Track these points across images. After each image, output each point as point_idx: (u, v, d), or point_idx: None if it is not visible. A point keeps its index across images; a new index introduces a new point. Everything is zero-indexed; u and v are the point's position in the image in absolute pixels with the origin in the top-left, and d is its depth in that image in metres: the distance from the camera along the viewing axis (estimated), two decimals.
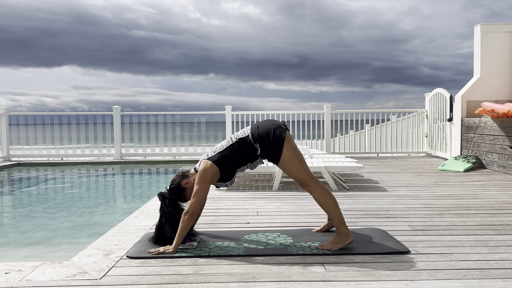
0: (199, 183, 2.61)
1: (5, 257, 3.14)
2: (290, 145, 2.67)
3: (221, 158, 2.68)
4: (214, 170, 2.65)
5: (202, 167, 2.65)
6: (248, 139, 2.70)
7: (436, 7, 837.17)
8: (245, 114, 9.01)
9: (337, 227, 2.64)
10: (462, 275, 2.18)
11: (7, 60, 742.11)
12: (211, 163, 2.66)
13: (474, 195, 4.41)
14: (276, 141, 2.64)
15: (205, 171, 2.63)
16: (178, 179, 2.76)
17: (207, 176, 2.62)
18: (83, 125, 9.15)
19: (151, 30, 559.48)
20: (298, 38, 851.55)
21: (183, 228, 2.56)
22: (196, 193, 2.59)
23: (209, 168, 2.64)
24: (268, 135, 2.66)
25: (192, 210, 2.56)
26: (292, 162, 2.66)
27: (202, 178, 2.62)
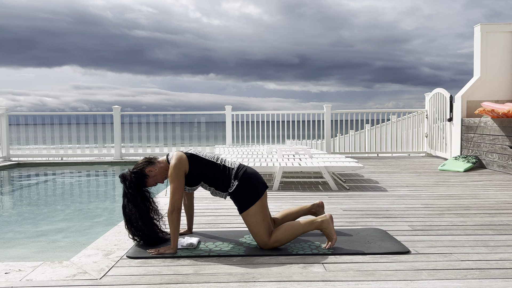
0: (175, 176, 2.58)
1: (5, 257, 3.14)
2: (262, 203, 2.64)
3: (197, 161, 2.66)
4: (186, 166, 2.63)
5: (177, 161, 2.61)
6: (230, 171, 2.68)
7: (437, 7, 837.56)
8: (245, 114, 9.01)
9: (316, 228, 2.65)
10: (462, 275, 2.18)
11: (8, 60, 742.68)
12: (186, 158, 2.63)
13: (474, 195, 4.41)
14: (252, 192, 2.62)
15: (180, 166, 2.60)
16: (143, 164, 2.71)
17: (181, 171, 2.60)
18: (83, 125, 9.15)
19: (152, 30, 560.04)
20: (299, 38, 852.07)
21: (174, 226, 2.55)
22: (175, 190, 2.57)
23: (183, 162, 2.61)
24: (249, 182, 2.64)
25: (177, 207, 2.56)
26: (257, 216, 2.61)
27: (178, 173, 2.59)
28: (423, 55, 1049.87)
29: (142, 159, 2.77)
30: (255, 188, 2.64)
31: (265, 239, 2.58)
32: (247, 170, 2.71)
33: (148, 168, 2.70)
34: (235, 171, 2.69)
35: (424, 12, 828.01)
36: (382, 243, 2.68)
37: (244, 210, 2.62)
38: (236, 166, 2.72)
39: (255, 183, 2.66)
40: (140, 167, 2.70)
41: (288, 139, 9.58)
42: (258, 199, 2.62)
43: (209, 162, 2.69)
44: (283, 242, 2.59)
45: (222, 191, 2.71)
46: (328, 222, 2.62)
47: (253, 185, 2.65)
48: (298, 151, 6.37)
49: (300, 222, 2.64)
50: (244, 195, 2.63)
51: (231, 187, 2.66)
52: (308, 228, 2.63)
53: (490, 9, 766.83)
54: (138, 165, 2.72)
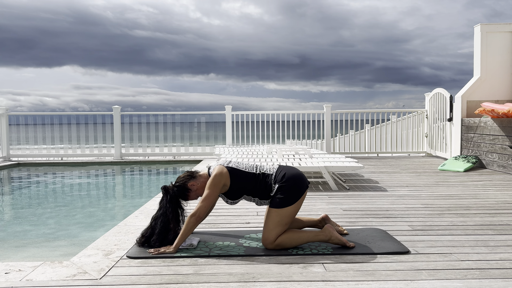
0: (211, 187, 2.59)
1: (5, 257, 3.14)
2: (297, 207, 2.64)
3: (238, 175, 2.66)
4: (227, 181, 2.63)
5: (218, 172, 2.62)
6: (270, 178, 2.67)
7: (438, 6, 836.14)
8: (245, 114, 9.01)
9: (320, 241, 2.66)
10: (462, 275, 2.18)
11: (8, 60, 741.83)
12: (227, 172, 2.64)
13: (474, 195, 4.41)
14: (291, 193, 2.60)
15: (220, 178, 2.61)
16: (185, 178, 2.73)
17: (220, 183, 2.61)
18: (83, 125, 9.15)
19: (152, 30, 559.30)
20: (299, 38, 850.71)
21: (187, 230, 2.55)
22: (206, 197, 2.58)
23: (224, 176, 2.62)
24: (289, 183, 2.61)
25: (199, 214, 2.56)
26: (283, 219, 2.60)
27: (216, 184, 2.60)
28: (424, 55, 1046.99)
29: (184, 173, 2.78)
30: (295, 188, 2.62)
31: (272, 239, 2.58)
32: (287, 173, 2.68)
33: (191, 182, 2.71)
34: (274, 175, 2.68)
35: (425, 12, 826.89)
36: (382, 243, 2.68)
37: (276, 207, 2.60)
38: (274, 171, 2.71)
39: (296, 182, 2.64)
40: (182, 181, 2.72)
41: (288, 139, 9.58)
42: (297, 200, 2.62)
43: (249, 174, 2.68)
44: (285, 247, 2.60)
45: (266, 199, 2.69)
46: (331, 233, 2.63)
47: (294, 185, 2.63)
48: (298, 151, 6.37)
49: (306, 232, 2.65)
50: (283, 195, 2.61)
51: (272, 191, 2.65)
52: (313, 239, 2.64)
53: (491, 9, 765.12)
54: (181, 179, 2.73)
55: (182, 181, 2.72)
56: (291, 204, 2.61)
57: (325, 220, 2.94)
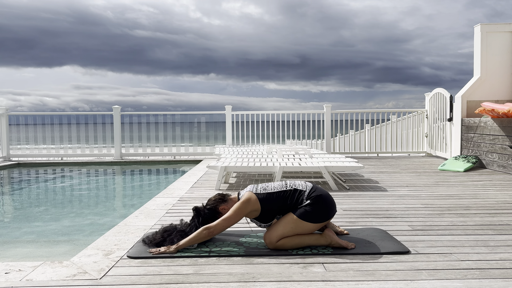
0: (235, 211, 2.60)
1: (5, 257, 3.14)
2: (317, 226, 2.64)
3: (268, 199, 2.65)
4: (255, 207, 2.63)
5: (246, 198, 2.63)
6: (302, 193, 2.66)
7: (438, 6, 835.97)
8: (245, 114, 9.01)
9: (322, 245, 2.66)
10: (462, 275, 2.18)
11: (8, 60, 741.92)
12: (256, 199, 2.63)
13: (474, 195, 4.41)
14: (320, 213, 2.61)
15: (247, 204, 2.61)
16: (217, 202, 2.75)
17: (246, 210, 2.61)
18: (83, 125, 9.15)
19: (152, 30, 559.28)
20: (300, 38, 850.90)
21: (196, 239, 2.57)
22: (227, 219, 2.58)
23: (252, 203, 2.62)
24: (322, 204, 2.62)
25: (213, 230, 2.57)
26: (297, 229, 2.59)
27: (241, 209, 2.60)
28: (424, 55, 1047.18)
29: (215, 195, 2.79)
30: (325, 212, 2.63)
31: (275, 239, 2.58)
32: (323, 194, 2.67)
33: (222, 206, 2.73)
34: (308, 192, 2.67)
35: (425, 12, 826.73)
36: (382, 243, 2.68)
37: (298, 216, 2.59)
38: (308, 189, 2.70)
39: (329, 207, 2.65)
40: (214, 204, 2.74)
41: (288, 139, 9.58)
42: (321, 221, 2.62)
43: (279, 194, 2.67)
44: (286, 248, 2.60)
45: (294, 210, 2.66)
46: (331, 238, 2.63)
47: (326, 208, 2.63)
48: (298, 151, 6.37)
49: (307, 236, 2.64)
50: (312, 210, 2.60)
51: (303, 203, 2.64)
52: (313, 243, 2.64)
53: (492, 8, 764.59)
54: (212, 202, 2.75)
55: (213, 204, 2.74)
56: (314, 222, 2.61)
57: (325, 224, 2.94)
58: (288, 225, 2.59)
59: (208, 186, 5.09)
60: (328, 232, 2.65)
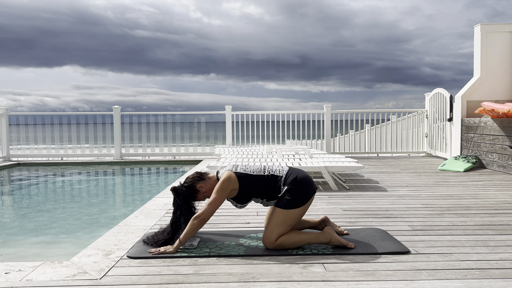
0: (218, 192, 2.59)
1: (5, 257, 3.14)
2: (304, 210, 2.65)
3: (247, 179, 2.66)
4: (235, 185, 2.64)
5: (226, 177, 2.63)
6: (279, 180, 2.67)
7: (439, 6, 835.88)
8: (245, 114, 9.01)
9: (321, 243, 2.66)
10: (462, 275, 2.18)
11: (8, 60, 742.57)
12: (235, 177, 2.64)
13: (474, 195, 4.41)
14: (300, 196, 2.61)
15: (228, 183, 2.61)
16: (194, 179, 2.74)
17: (228, 188, 2.61)
18: (83, 125, 9.15)
19: (153, 30, 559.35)
20: (300, 38, 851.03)
21: (190, 231, 2.55)
22: (213, 202, 2.58)
23: (232, 181, 2.63)
24: (299, 187, 2.63)
25: (204, 217, 2.56)
26: (288, 221, 2.61)
27: (223, 188, 2.60)
28: (424, 55, 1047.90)
29: (193, 174, 2.79)
30: (304, 192, 2.64)
31: (274, 238, 2.58)
32: (297, 176, 2.68)
33: (200, 184, 2.72)
34: (284, 177, 2.68)
35: (425, 12, 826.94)
36: (382, 243, 2.68)
37: (283, 208, 2.61)
38: (284, 173, 2.71)
39: (306, 186, 2.66)
40: (191, 182, 2.73)
41: (288, 139, 9.58)
42: (304, 204, 2.63)
43: (257, 177, 2.68)
44: (285, 247, 2.60)
45: (273, 199, 2.70)
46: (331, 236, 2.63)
47: (303, 189, 2.64)
48: (298, 151, 6.37)
49: (306, 234, 2.65)
50: (292, 196, 2.61)
51: (281, 192, 2.66)
52: (313, 241, 2.64)
53: (492, 8, 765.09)
54: (189, 180, 2.75)
55: (191, 182, 2.73)
56: (298, 207, 2.61)
57: (325, 222, 2.94)
58: (279, 220, 2.59)
59: None
60: (328, 230, 2.65)
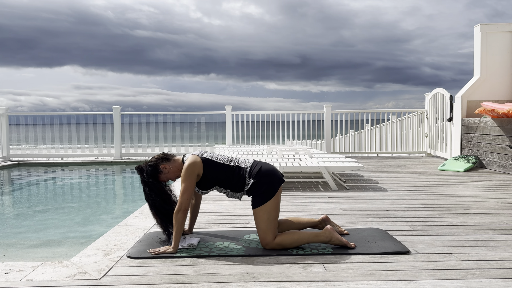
0: (187, 179, 2.58)
1: (5, 257, 3.14)
2: (277, 200, 2.64)
3: (212, 166, 2.66)
4: (200, 170, 2.63)
5: (191, 161, 2.61)
6: (244, 171, 2.68)
7: (439, 6, 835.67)
8: (245, 114, 9.01)
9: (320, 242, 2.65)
10: (462, 275, 2.18)
11: (9, 60, 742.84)
12: (201, 161, 2.64)
13: (474, 195, 4.41)
14: (268, 188, 2.61)
15: (193, 167, 2.60)
16: (159, 159, 2.73)
17: (194, 173, 2.60)
18: (83, 125, 9.15)
19: (153, 30, 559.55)
20: (300, 38, 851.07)
21: (178, 226, 2.55)
22: (185, 190, 2.57)
23: (198, 165, 2.62)
24: (265, 178, 2.63)
25: (184, 208, 2.55)
26: (270, 214, 2.60)
27: (190, 174, 2.59)
28: (424, 55, 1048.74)
29: (160, 153, 2.79)
30: (271, 183, 2.63)
31: (270, 238, 2.58)
32: (262, 167, 2.69)
33: (163, 165, 2.72)
34: (249, 170, 2.68)
35: (426, 12, 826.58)
36: (382, 243, 2.68)
37: (259, 205, 2.61)
38: (249, 165, 2.71)
39: (271, 177, 2.65)
40: (155, 162, 2.72)
41: (288, 139, 9.58)
42: (274, 194, 2.62)
43: (223, 165, 2.68)
44: (285, 246, 2.59)
45: (237, 191, 2.71)
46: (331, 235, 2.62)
47: (269, 180, 2.64)
48: (298, 151, 6.37)
49: (306, 233, 2.64)
50: (261, 190, 2.62)
51: (247, 185, 2.66)
52: (313, 240, 2.63)
53: (493, 8, 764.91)
54: (154, 159, 2.74)
55: (155, 162, 2.72)
56: (270, 198, 2.60)
57: (325, 221, 2.94)
58: (262, 218, 2.59)
59: None
60: (329, 229, 2.64)
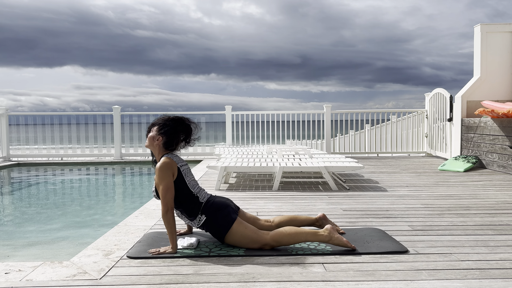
0: (163, 179, 2.57)
1: (5, 257, 3.14)
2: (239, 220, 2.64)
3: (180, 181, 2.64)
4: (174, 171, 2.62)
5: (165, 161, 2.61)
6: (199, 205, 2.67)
7: (440, 6, 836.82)
8: (245, 114, 9.01)
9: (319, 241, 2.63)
10: (462, 275, 2.18)
11: (9, 60, 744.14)
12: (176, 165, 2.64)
13: (474, 195, 4.41)
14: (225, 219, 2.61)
15: (168, 166, 2.60)
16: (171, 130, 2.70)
17: (169, 171, 2.59)
18: (83, 125, 9.15)
19: (153, 30, 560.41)
20: (301, 38, 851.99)
21: (171, 226, 2.55)
22: (166, 189, 2.56)
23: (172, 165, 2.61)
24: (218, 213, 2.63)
25: (171, 206, 2.56)
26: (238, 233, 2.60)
27: (165, 174, 2.58)
28: (425, 55, 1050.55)
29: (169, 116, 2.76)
30: (226, 215, 2.63)
31: (260, 240, 2.57)
32: (214, 202, 2.69)
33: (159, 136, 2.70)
34: (203, 205, 2.68)
35: (426, 12, 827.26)
36: (381, 243, 2.68)
37: (224, 236, 2.62)
38: (205, 200, 2.71)
39: (225, 210, 2.65)
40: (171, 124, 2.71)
41: (288, 139, 9.58)
42: (233, 222, 2.62)
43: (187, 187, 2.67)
44: (282, 243, 2.58)
45: (187, 218, 2.71)
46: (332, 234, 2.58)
47: (224, 213, 2.64)
48: (298, 151, 6.37)
49: (305, 230, 2.61)
50: (218, 224, 2.62)
51: (199, 221, 2.67)
52: (311, 239, 2.59)
53: (493, 8, 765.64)
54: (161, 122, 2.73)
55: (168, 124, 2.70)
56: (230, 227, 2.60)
57: (322, 219, 2.92)
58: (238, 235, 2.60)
59: (208, 186, 5.09)
60: (329, 228, 2.59)
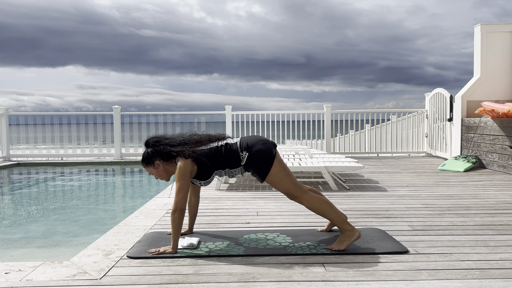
0: (180, 179, 2.58)
1: (5, 257, 3.14)
2: (278, 160, 2.65)
3: (202, 156, 2.65)
4: (193, 167, 2.63)
5: (182, 163, 2.61)
6: (234, 146, 2.68)
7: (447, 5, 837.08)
8: (245, 114, 9.00)
9: (339, 227, 2.63)
10: (462, 275, 2.18)
11: (12, 60, 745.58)
12: (191, 160, 2.63)
13: (474, 195, 4.41)
14: (266, 154, 2.62)
15: (185, 167, 2.59)
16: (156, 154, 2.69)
17: (187, 171, 2.60)
18: (83, 125, 9.15)
19: (158, 30, 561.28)
20: (304, 38, 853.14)
21: (176, 226, 2.55)
22: (180, 189, 2.56)
23: (188, 164, 2.61)
24: (259, 147, 2.64)
25: (180, 207, 2.55)
26: (278, 174, 2.62)
27: (183, 174, 2.58)
28: (428, 55, 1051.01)
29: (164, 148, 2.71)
30: (267, 150, 2.64)
31: (295, 192, 2.61)
32: (249, 140, 2.70)
33: (158, 161, 2.70)
34: (239, 144, 2.69)
35: (431, 11, 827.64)
36: (381, 243, 2.68)
37: (266, 174, 2.62)
38: (238, 140, 2.73)
39: (264, 145, 2.66)
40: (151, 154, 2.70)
41: (288, 139, 9.58)
42: (274, 158, 2.63)
43: (211, 149, 2.68)
44: (313, 207, 2.62)
45: (236, 167, 2.69)
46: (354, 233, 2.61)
47: (263, 148, 2.64)
48: (298, 151, 6.37)
49: (337, 210, 2.67)
50: (260, 160, 2.62)
51: (242, 159, 2.66)
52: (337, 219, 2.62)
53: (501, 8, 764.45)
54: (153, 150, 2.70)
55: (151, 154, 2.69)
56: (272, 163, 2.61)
57: None
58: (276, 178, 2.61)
59: (208, 186, 5.09)
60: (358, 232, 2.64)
